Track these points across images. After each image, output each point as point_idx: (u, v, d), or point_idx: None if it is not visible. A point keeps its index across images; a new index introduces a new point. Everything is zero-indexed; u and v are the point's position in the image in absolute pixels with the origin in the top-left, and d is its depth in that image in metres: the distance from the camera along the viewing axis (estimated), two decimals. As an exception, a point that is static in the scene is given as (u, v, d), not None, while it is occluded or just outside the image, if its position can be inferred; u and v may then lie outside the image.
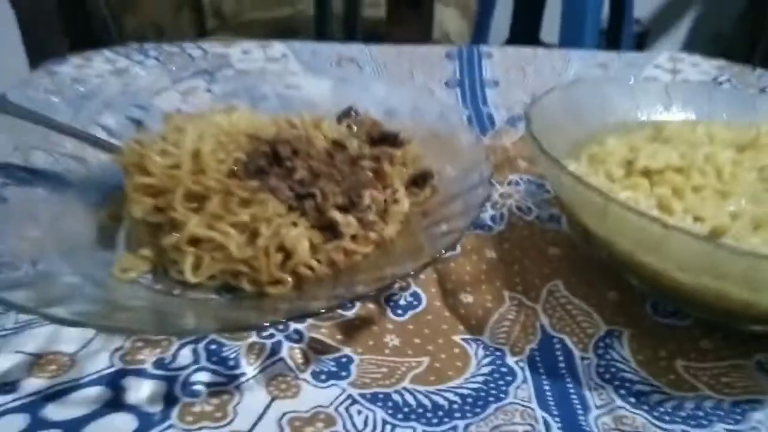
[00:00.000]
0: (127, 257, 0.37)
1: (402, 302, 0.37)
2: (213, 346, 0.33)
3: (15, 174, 0.39)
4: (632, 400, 0.31)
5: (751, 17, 2.03)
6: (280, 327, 0.34)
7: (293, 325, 0.34)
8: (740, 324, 0.34)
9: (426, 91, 0.63)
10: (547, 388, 0.32)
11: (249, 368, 0.32)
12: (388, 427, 0.29)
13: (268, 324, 0.31)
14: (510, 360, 0.33)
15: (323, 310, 0.30)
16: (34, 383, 0.31)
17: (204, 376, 0.31)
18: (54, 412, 0.29)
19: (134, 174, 0.38)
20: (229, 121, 0.43)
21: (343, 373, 0.32)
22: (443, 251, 0.32)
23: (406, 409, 0.30)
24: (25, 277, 0.32)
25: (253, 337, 0.34)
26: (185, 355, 0.33)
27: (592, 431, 0.29)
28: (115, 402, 0.30)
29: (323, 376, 0.32)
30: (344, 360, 0.33)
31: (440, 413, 0.30)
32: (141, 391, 0.31)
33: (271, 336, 0.34)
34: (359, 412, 0.30)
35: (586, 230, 0.35)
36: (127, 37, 1.42)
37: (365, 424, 0.29)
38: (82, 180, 0.43)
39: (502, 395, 0.31)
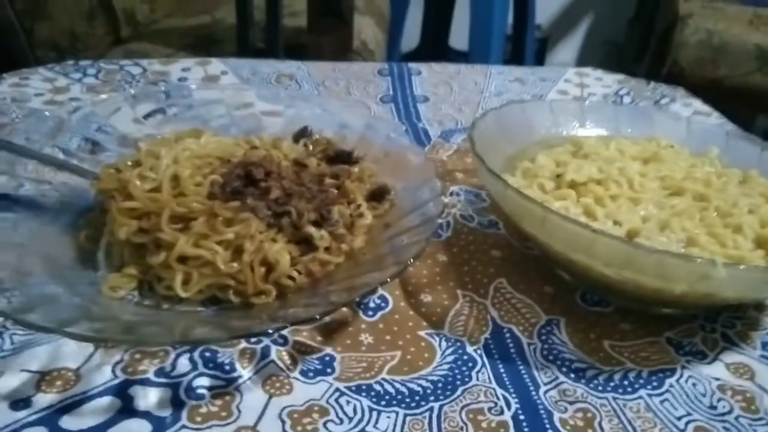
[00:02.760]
0: (115, 276, 0.40)
1: (371, 305, 0.41)
2: (207, 354, 0.37)
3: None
4: (572, 375, 0.37)
5: (639, 24, 2.22)
6: (269, 332, 0.38)
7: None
8: (652, 307, 0.41)
9: (370, 111, 0.68)
10: (502, 370, 0.37)
11: (244, 371, 0.36)
12: (375, 413, 0.34)
13: (272, 330, 0.35)
14: (469, 349, 0.39)
15: (318, 316, 0.34)
16: (45, 398, 0.33)
17: (205, 381, 0.35)
18: (70, 423, 0.32)
19: (117, 198, 0.40)
20: (198, 145, 0.46)
21: (328, 370, 0.37)
22: (412, 260, 0.37)
23: (387, 397, 0.35)
24: (29, 300, 0.34)
25: (243, 344, 0.38)
26: (183, 364, 0.36)
27: (543, 403, 0.35)
28: (126, 409, 0.33)
29: (311, 374, 0.36)
30: (327, 358, 0.37)
31: (417, 398, 0.35)
32: (149, 398, 0.34)
33: (259, 341, 0.38)
34: (348, 402, 0.35)
35: (522, 233, 0.41)
36: (38, 45, 1.39)
37: (354, 411, 0.34)
38: (54, 204, 0.45)
39: (466, 379, 0.37)
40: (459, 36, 2.13)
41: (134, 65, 0.75)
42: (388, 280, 0.36)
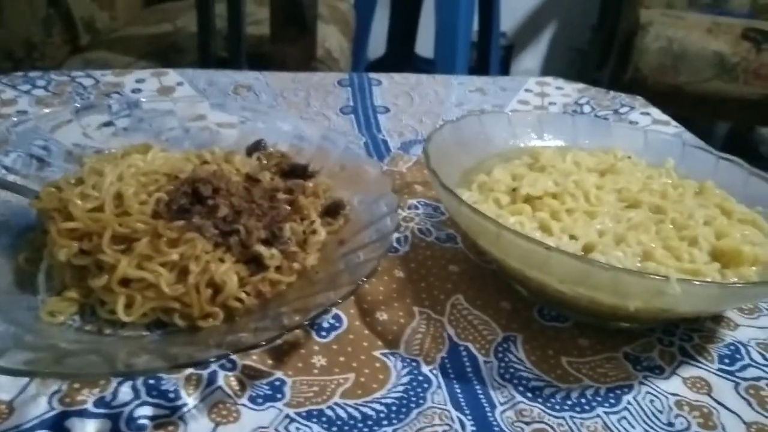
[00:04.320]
0: (54, 300, 0.38)
1: (325, 324, 0.40)
2: (151, 381, 0.35)
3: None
4: (529, 395, 0.37)
5: (602, 32, 2.25)
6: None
7: (226, 355, 0.37)
8: (610, 322, 0.41)
9: (326, 123, 0.67)
10: (458, 391, 0.36)
11: (189, 399, 0.34)
12: (326, 440, 0.33)
13: (213, 359, 0.33)
14: (425, 369, 0.38)
15: (264, 343, 0.33)
16: (-27, 434, 0.31)
17: (147, 410, 0.33)
18: (0, 460, 0.30)
19: (57, 218, 0.39)
20: (145, 161, 0.44)
21: (278, 395, 0.35)
22: (365, 278, 0.36)
23: (339, 422, 0.34)
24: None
25: (189, 370, 0.36)
26: (125, 392, 0.34)
27: (499, 425, 0.34)
28: (62, 444, 0.31)
29: (260, 400, 0.35)
30: (277, 383, 0.36)
31: (370, 422, 0.34)
32: (86, 430, 0.32)
33: (206, 366, 0.36)
34: (298, 429, 0.33)
35: (479, 248, 0.41)
36: (-9, 54, 1.34)
37: (304, 439, 0.33)
38: (-8, 225, 0.42)
39: (421, 401, 0.36)
40: (425, 43, 2.14)
41: (86, 77, 0.73)
42: (340, 301, 0.34)
